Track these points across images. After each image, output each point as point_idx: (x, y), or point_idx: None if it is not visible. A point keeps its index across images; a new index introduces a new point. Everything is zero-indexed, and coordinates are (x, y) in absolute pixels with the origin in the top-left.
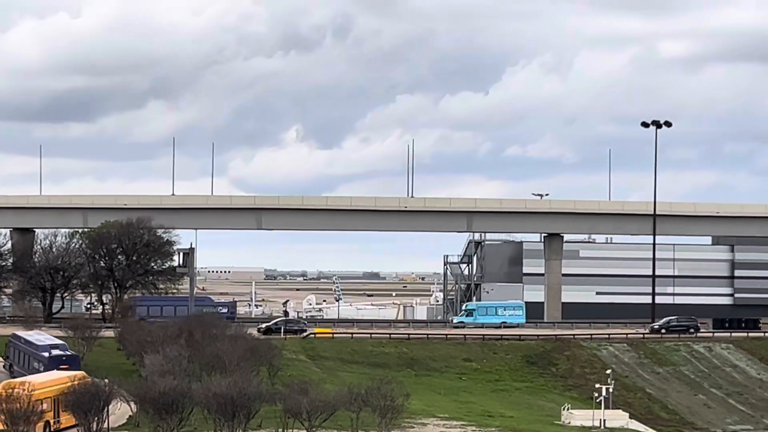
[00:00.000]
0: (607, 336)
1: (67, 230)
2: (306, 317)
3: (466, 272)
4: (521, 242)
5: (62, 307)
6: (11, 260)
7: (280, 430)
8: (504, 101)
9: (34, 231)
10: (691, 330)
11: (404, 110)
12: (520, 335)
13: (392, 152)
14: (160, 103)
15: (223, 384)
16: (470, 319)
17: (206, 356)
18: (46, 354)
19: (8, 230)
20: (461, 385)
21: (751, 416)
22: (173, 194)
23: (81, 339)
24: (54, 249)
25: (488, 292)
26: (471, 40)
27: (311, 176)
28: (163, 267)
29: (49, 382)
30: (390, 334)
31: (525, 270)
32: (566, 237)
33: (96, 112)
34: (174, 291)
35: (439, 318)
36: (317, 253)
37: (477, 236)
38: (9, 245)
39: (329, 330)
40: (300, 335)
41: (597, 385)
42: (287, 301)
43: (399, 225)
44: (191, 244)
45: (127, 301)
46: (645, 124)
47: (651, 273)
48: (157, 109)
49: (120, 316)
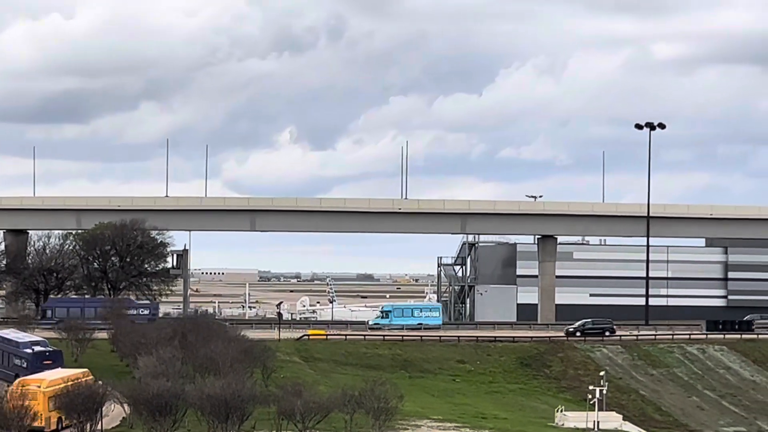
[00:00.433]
0: (601, 338)
1: (61, 232)
2: (300, 318)
3: (460, 274)
4: (515, 244)
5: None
6: (5, 262)
7: None
8: (498, 103)
9: (28, 232)
10: (607, 332)
11: (398, 112)
12: (514, 337)
13: (386, 154)
14: (154, 105)
15: (217, 386)
16: (386, 321)
17: (200, 358)
18: (29, 350)
19: (2, 232)
20: (455, 387)
21: (745, 418)
22: (167, 196)
23: (74, 340)
24: (47, 250)
25: (482, 294)
26: (464, 42)
27: (305, 178)
28: (157, 268)
29: (60, 379)
30: (384, 336)
31: (519, 272)
32: (560, 239)
33: (89, 114)
34: (168, 292)
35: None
36: (311, 255)
37: (471, 238)
38: (2, 247)
39: (323, 332)
40: None
41: (590, 387)
42: (281, 303)
43: (393, 227)
44: (185, 246)
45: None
46: (639, 126)
47: (645, 275)
48: (151, 111)
49: (40, 318)
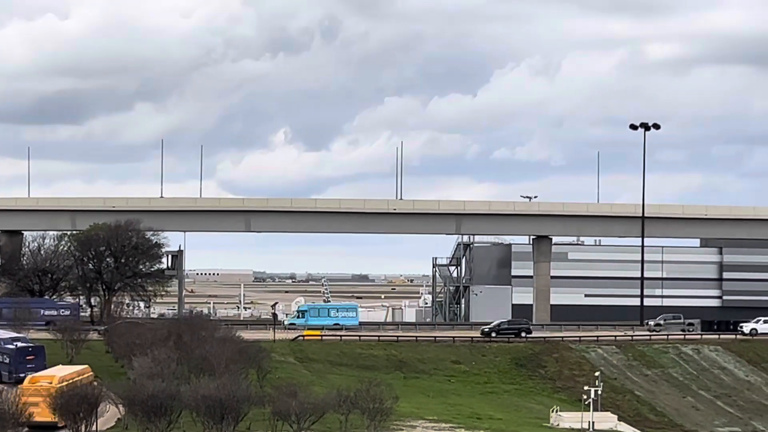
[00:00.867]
0: (596, 338)
1: (56, 232)
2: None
3: (455, 274)
4: (510, 244)
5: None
6: None
7: None
8: (492, 104)
9: (23, 233)
10: (523, 333)
11: (392, 112)
12: (509, 337)
13: (381, 154)
14: (149, 105)
15: (212, 386)
16: (301, 321)
17: (195, 359)
18: (12, 346)
19: None
20: (450, 388)
21: (740, 418)
22: (162, 196)
23: (69, 341)
24: (42, 251)
25: (477, 294)
26: (459, 43)
27: (300, 178)
28: (152, 269)
29: (69, 375)
30: (379, 337)
31: (514, 272)
32: (555, 239)
33: (84, 114)
34: (163, 293)
35: (428, 320)
36: (306, 255)
37: (466, 238)
38: None
39: (318, 332)
40: None
41: (586, 388)
42: (276, 303)
43: (388, 227)
44: (180, 247)
45: None
46: (633, 127)
47: (639, 275)
48: (145, 112)
49: None
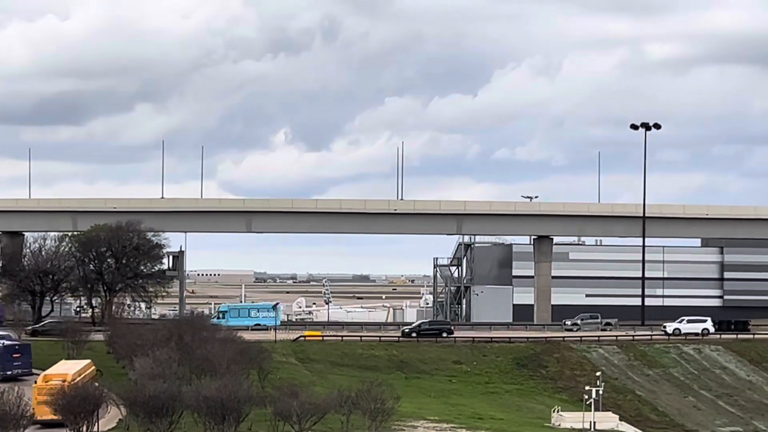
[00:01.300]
0: (597, 338)
1: (57, 233)
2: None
3: (456, 275)
4: (511, 245)
5: (52, 311)
6: (0, 264)
7: None
8: (493, 104)
9: (24, 234)
10: (444, 333)
11: (393, 113)
12: (510, 337)
13: (381, 155)
14: (149, 106)
15: (213, 387)
16: (222, 321)
17: (196, 359)
18: None
19: None
20: (451, 388)
21: (741, 418)
22: (163, 197)
23: (71, 342)
24: (43, 252)
25: (478, 295)
26: (459, 43)
27: (300, 179)
28: (153, 270)
29: (78, 372)
30: (380, 337)
31: (514, 272)
32: (556, 239)
33: (85, 115)
34: (164, 294)
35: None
36: (307, 256)
37: (466, 239)
38: None
39: (319, 333)
40: None
41: (587, 387)
42: (277, 304)
43: (389, 227)
44: (181, 247)
45: None
46: (634, 127)
47: (640, 275)
48: (146, 112)
49: None
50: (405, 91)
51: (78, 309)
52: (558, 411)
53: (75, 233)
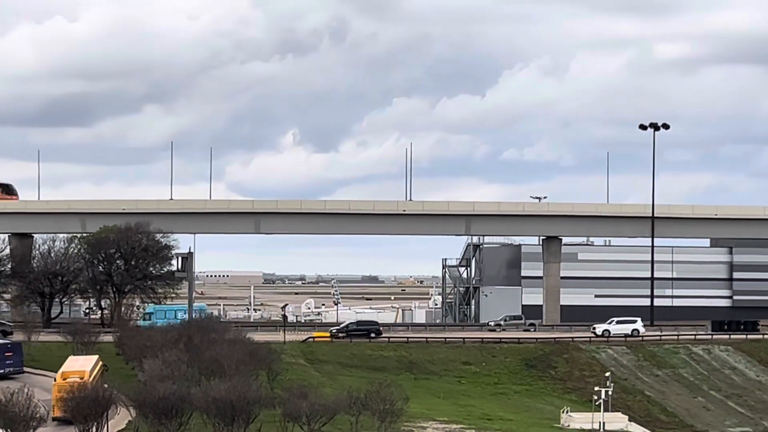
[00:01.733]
0: (606, 339)
1: (66, 235)
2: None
3: (465, 275)
4: (519, 245)
5: (61, 312)
6: (10, 265)
7: None
8: (501, 104)
9: (33, 236)
10: (372, 334)
11: (401, 114)
12: (519, 338)
13: (390, 156)
14: (157, 108)
15: (223, 388)
16: (147, 323)
17: (205, 360)
18: None
19: (6, 235)
20: (460, 389)
21: (750, 418)
22: (171, 199)
23: (80, 344)
24: (52, 254)
25: (487, 295)
26: (467, 43)
27: (309, 180)
28: (162, 271)
29: (92, 368)
30: (389, 338)
31: (523, 273)
32: (564, 240)
33: (93, 117)
34: (173, 295)
35: (438, 321)
36: (316, 257)
37: (475, 239)
38: (7, 250)
39: (328, 334)
40: None
41: (596, 388)
42: (286, 305)
43: (397, 228)
44: (190, 249)
45: None
46: (643, 127)
47: (649, 275)
48: (154, 114)
49: None
50: (413, 92)
51: (87, 311)
52: (567, 412)
53: (84, 235)
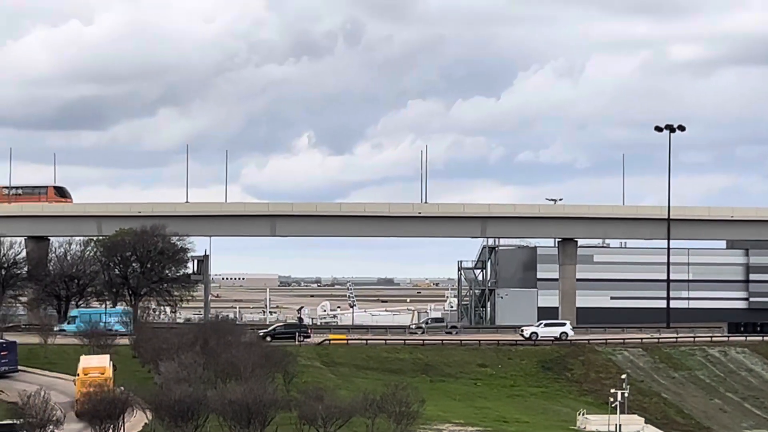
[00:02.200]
0: (622, 341)
1: (82, 238)
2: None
3: (480, 278)
4: (535, 247)
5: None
6: (26, 268)
7: None
8: (516, 106)
9: (49, 239)
10: (301, 337)
11: (416, 116)
12: (535, 340)
13: (405, 158)
14: (172, 111)
15: (239, 391)
16: (71, 327)
17: (221, 363)
18: None
19: (23, 238)
20: (476, 391)
21: (767, 420)
22: (187, 201)
23: (96, 346)
24: (69, 257)
25: (502, 298)
26: (482, 45)
27: (324, 182)
28: (178, 274)
29: (108, 365)
30: (405, 340)
31: (539, 275)
32: (580, 242)
33: (108, 120)
34: (189, 298)
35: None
36: (331, 260)
37: (491, 241)
38: (24, 253)
39: (344, 336)
40: None
41: (612, 390)
42: (302, 308)
43: (413, 231)
44: (205, 251)
45: None
46: (658, 129)
47: (665, 277)
48: (169, 117)
49: None
50: (428, 94)
51: None
52: (583, 414)
53: (100, 238)
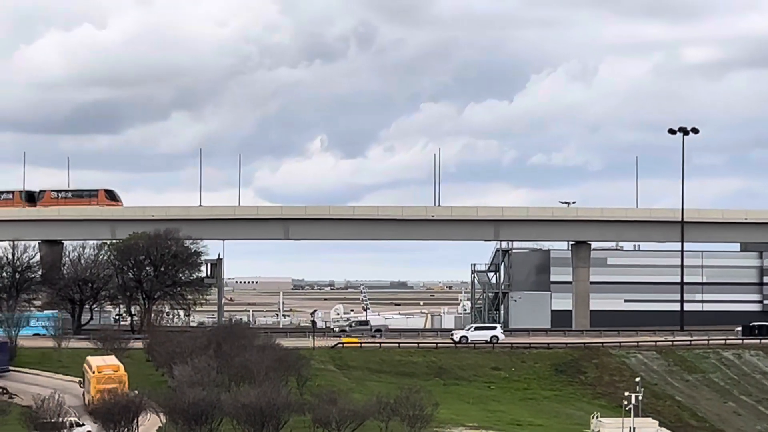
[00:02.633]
0: (636, 344)
1: (96, 242)
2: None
3: (494, 281)
4: (548, 250)
5: (91, 319)
6: (40, 272)
7: None
8: (528, 109)
9: (63, 243)
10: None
11: (428, 119)
12: (549, 343)
13: (417, 161)
14: (185, 114)
15: (252, 394)
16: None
17: (235, 367)
18: None
19: (37, 242)
20: (490, 394)
21: None
22: (200, 205)
23: (110, 350)
24: (82, 261)
25: (516, 301)
26: (495, 48)
27: (337, 186)
28: (191, 278)
29: (118, 363)
30: (418, 344)
31: (552, 278)
32: (594, 245)
33: (121, 124)
34: (202, 301)
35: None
36: (344, 263)
37: (504, 244)
38: (38, 257)
39: (357, 340)
40: None
41: (626, 393)
42: (315, 311)
43: (426, 234)
44: (219, 255)
45: None
46: (672, 131)
47: (679, 280)
48: (182, 120)
49: None
50: (440, 97)
51: (117, 317)
52: (597, 417)
53: (114, 242)
